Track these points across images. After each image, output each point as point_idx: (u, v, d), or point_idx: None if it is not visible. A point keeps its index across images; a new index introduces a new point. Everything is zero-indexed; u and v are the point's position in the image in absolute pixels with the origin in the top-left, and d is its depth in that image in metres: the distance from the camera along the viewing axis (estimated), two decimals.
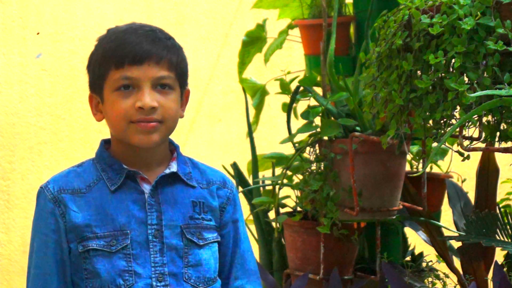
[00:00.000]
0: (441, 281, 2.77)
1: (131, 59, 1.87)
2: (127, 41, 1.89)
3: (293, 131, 2.77)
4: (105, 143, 2.00)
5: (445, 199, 2.96)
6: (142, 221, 1.91)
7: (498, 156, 2.74)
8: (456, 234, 2.77)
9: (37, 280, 1.92)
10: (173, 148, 2.01)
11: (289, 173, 2.81)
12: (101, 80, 1.92)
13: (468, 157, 2.16)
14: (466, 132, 2.11)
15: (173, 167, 1.96)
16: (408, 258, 2.95)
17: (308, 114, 2.70)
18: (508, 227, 2.64)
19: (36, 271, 1.93)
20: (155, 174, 1.94)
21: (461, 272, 2.74)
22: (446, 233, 2.78)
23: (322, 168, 2.66)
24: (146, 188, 1.93)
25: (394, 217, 2.66)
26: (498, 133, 2.14)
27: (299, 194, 2.79)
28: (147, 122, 1.87)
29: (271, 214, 2.94)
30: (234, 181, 2.12)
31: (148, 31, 1.91)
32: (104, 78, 1.91)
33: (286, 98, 2.86)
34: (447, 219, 3.00)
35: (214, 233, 1.98)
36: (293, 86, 2.85)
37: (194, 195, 1.97)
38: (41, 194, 1.95)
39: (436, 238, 2.74)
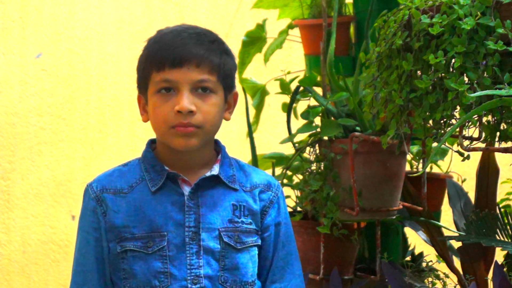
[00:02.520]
0: (441, 281, 2.77)
1: (170, 62, 1.87)
2: (168, 44, 1.89)
3: (293, 131, 2.77)
4: (152, 143, 2.00)
5: (445, 199, 2.95)
6: (179, 223, 1.91)
7: (498, 156, 2.74)
8: (456, 234, 2.76)
9: (78, 277, 1.95)
10: (219, 149, 2.00)
11: (289, 173, 2.81)
12: (145, 81, 1.93)
13: (468, 157, 2.16)
14: (466, 132, 2.11)
15: (215, 170, 1.95)
16: (408, 258, 2.95)
17: (308, 114, 2.69)
18: (508, 227, 2.64)
19: (77, 268, 1.95)
20: (197, 176, 1.94)
21: (461, 272, 2.74)
22: (446, 233, 2.78)
23: (322, 168, 2.66)
24: (187, 190, 1.93)
25: (394, 217, 2.66)
26: (498, 133, 2.14)
27: (299, 194, 2.79)
28: (185, 127, 1.88)
29: None
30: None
31: (192, 33, 1.91)
32: (147, 80, 1.92)
33: (286, 98, 2.86)
34: (447, 219, 2.99)
35: (254, 237, 1.97)
36: (293, 86, 2.85)
37: (236, 198, 1.96)
38: (86, 192, 1.97)
39: (436, 238, 2.74)
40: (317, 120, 2.71)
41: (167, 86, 1.89)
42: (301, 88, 2.79)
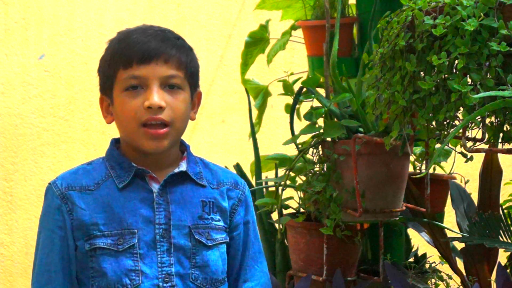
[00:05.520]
0: (444, 282, 2.77)
1: (139, 58, 1.87)
2: (135, 41, 1.89)
3: (296, 132, 2.77)
4: (116, 142, 1.99)
5: (448, 200, 2.95)
6: (149, 220, 1.90)
7: (501, 157, 2.74)
8: (459, 235, 2.76)
9: (41, 277, 1.92)
10: (184, 148, 2.00)
11: (292, 174, 2.81)
12: (110, 81, 1.92)
13: (471, 158, 2.16)
14: (469, 133, 2.11)
15: (183, 166, 1.95)
16: (411, 260, 2.95)
17: (311, 115, 2.69)
18: (511, 228, 2.63)
19: (41, 267, 1.92)
20: (165, 174, 1.93)
21: (464, 273, 2.74)
22: (449, 234, 2.78)
23: (325, 169, 2.66)
24: (155, 187, 1.92)
25: (397, 218, 2.66)
26: (501, 134, 2.13)
27: (302, 195, 2.79)
28: (156, 126, 1.86)
29: (274, 215, 2.93)
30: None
31: (157, 31, 1.92)
32: (113, 78, 1.91)
33: (289, 99, 2.86)
34: (450, 220, 2.99)
35: (223, 234, 1.97)
36: (296, 87, 2.85)
37: (204, 194, 1.96)
38: (49, 190, 1.94)
39: (439, 239, 2.73)
40: (320, 121, 2.71)
41: (135, 83, 1.87)
42: (304, 89, 2.79)
